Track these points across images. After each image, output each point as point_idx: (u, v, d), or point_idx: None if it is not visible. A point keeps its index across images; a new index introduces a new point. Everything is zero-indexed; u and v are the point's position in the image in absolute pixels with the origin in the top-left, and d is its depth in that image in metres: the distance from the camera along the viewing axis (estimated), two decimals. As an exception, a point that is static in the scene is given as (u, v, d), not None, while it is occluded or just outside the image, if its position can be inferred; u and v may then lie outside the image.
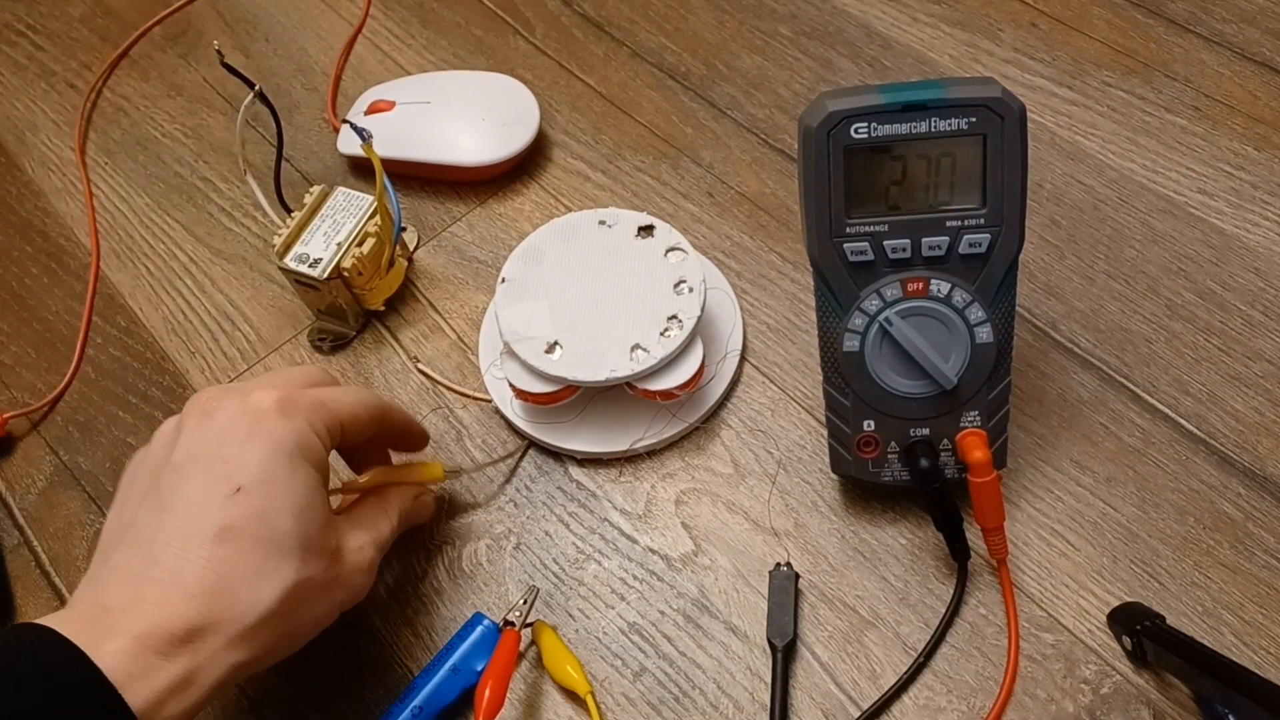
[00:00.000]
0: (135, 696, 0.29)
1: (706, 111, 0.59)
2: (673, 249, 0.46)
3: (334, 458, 0.39)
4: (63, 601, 0.45)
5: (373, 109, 0.57)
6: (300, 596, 0.33)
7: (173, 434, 0.35)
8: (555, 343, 0.44)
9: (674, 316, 0.44)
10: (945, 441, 0.40)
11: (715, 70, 0.60)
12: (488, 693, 0.38)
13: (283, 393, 0.35)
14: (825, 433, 0.42)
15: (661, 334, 0.44)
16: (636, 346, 0.44)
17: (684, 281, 0.45)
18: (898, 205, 0.37)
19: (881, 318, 0.38)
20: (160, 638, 0.30)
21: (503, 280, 0.46)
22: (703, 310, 0.44)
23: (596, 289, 0.46)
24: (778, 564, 0.42)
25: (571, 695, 0.41)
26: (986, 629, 0.41)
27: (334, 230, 0.49)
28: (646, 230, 0.47)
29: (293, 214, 0.50)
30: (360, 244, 0.49)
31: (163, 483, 0.34)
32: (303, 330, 0.52)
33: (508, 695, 0.39)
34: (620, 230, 0.47)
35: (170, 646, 0.30)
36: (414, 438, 0.43)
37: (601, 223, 0.48)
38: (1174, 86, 0.57)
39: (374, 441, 0.41)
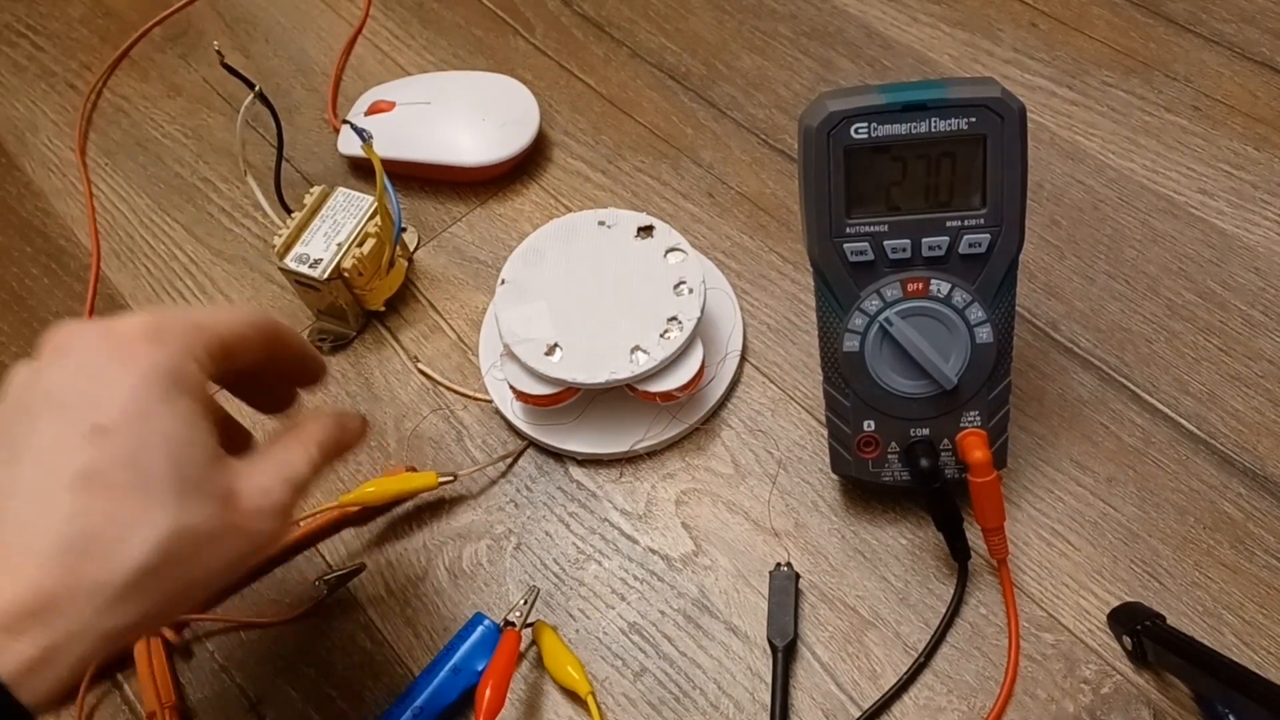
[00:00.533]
0: None
1: (707, 111, 0.59)
2: (672, 249, 0.46)
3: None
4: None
5: (373, 109, 0.57)
6: (182, 549, 0.28)
7: (25, 377, 0.30)
8: (555, 344, 0.44)
9: (674, 318, 0.44)
10: (945, 441, 0.40)
11: (715, 70, 0.60)
12: (488, 693, 0.38)
13: (151, 317, 0.31)
14: (825, 433, 0.42)
15: (661, 335, 0.44)
16: (636, 348, 0.44)
17: (684, 282, 0.45)
18: (898, 205, 0.37)
19: (881, 318, 0.38)
20: (6, 613, 0.26)
21: (502, 282, 0.46)
22: (702, 311, 0.44)
23: (596, 290, 0.46)
24: (778, 564, 0.42)
25: (572, 695, 0.41)
26: (987, 629, 0.41)
27: (334, 231, 0.49)
28: (646, 231, 0.47)
29: (293, 214, 0.50)
30: (360, 244, 0.49)
31: (14, 432, 0.29)
32: (303, 330, 0.52)
33: (508, 695, 0.39)
34: (620, 231, 0.47)
35: (19, 621, 0.26)
36: (310, 365, 0.37)
37: (601, 223, 0.48)
38: (1174, 86, 0.57)
39: (269, 373, 0.36)
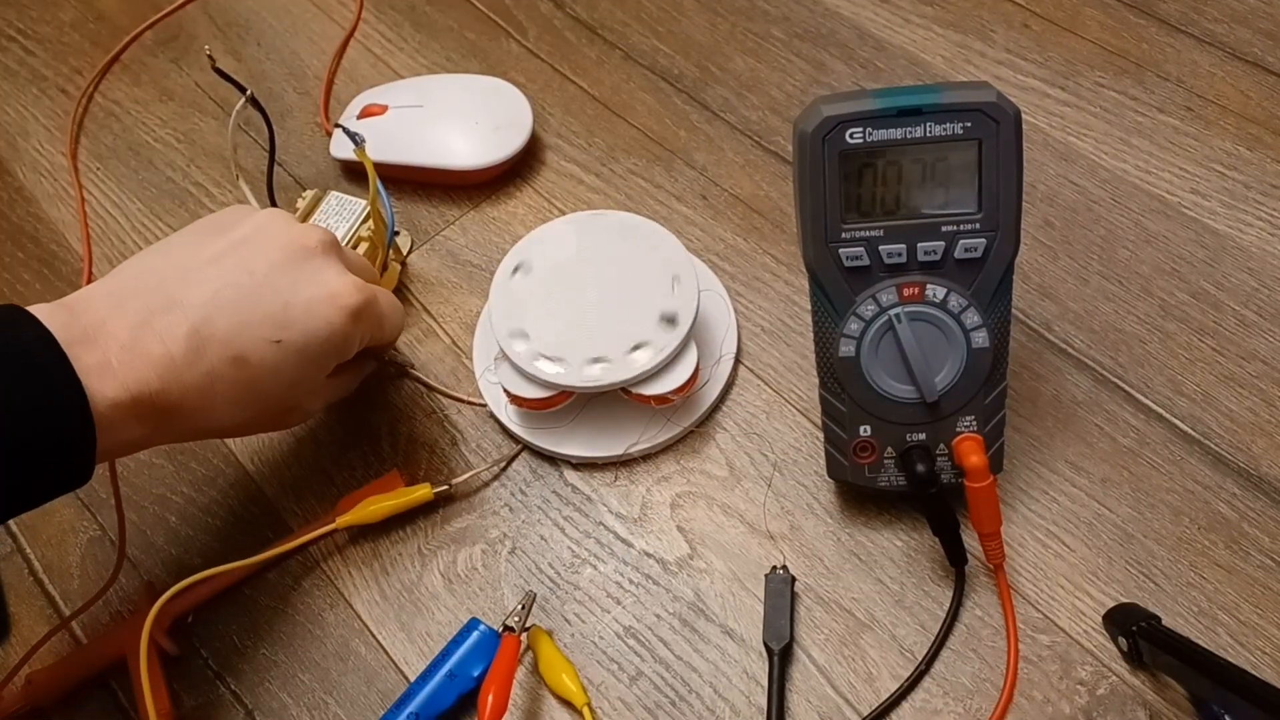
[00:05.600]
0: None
1: (699, 114, 0.59)
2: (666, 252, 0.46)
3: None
4: (57, 610, 0.45)
5: (365, 113, 0.57)
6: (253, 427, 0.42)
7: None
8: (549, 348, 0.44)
9: (668, 320, 0.44)
10: (941, 446, 0.40)
11: (708, 73, 0.60)
12: (491, 699, 0.38)
13: (365, 299, 0.40)
14: (820, 435, 0.42)
15: (655, 338, 0.44)
16: (630, 351, 0.44)
17: (678, 285, 0.45)
18: (893, 210, 0.37)
19: (892, 313, 0.38)
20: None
21: (496, 285, 0.46)
22: (697, 314, 0.44)
23: (590, 293, 0.45)
24: (774, 567, 0.42)
25: (568, 703, 0.41)
26: (982, 630, 0.41)
27: (327, 235, 0.49)
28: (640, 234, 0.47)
29: (286, 219, 0.50)
30: (354, 248, 0.49)
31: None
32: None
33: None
34: (614, 234, 0.47)
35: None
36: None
37: (595, 226, 0.47)
38: (1166, 87, 0.57)
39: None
